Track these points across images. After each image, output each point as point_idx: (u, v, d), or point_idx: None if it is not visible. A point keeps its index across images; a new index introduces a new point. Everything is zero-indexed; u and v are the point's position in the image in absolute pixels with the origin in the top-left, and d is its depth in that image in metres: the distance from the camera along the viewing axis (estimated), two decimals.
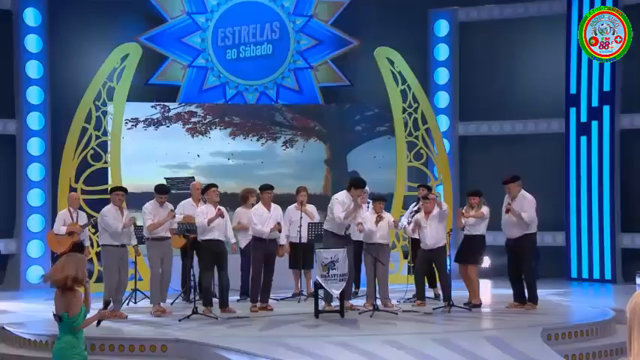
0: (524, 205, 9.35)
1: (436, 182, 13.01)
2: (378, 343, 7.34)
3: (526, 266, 9.41)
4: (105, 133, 12.02)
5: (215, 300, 9.45)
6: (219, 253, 9.40)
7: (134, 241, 9.58)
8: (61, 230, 10.13)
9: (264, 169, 13.34)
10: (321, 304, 9.17)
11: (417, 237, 10.06)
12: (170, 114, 13.02)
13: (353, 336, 7.82)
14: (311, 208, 10.66)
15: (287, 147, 13.57)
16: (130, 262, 10.36)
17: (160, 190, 9.58)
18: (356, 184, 9.37)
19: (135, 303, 10.22)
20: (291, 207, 10.63)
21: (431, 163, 13.40)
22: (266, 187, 9.76)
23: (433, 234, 9.62)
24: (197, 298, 9.32)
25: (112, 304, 5.73)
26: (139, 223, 9.91)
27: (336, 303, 9.11)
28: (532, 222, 9.35)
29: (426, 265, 9.79)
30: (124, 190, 9.44)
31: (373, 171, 13.36)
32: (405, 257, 12.23)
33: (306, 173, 13.47)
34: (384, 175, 13.33)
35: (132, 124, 12.73)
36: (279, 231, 9.62)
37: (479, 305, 9.49)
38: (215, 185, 9.60)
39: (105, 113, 12.04)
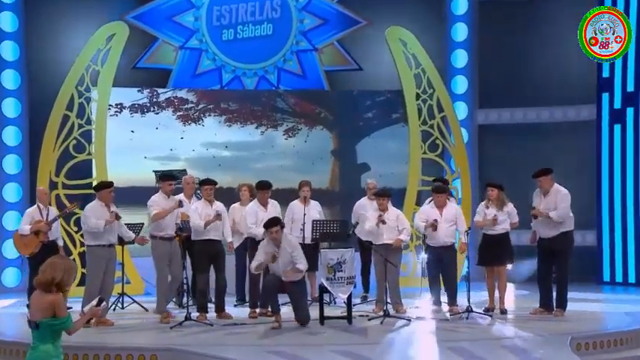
0: (558, 200, 9.33)
1: (453, 176, 13.02)
2: (389, 353, 7.35)
3: (562, 269, 9.39)
4: (89, 122, 12.04)
5: (210, 305, 9.48)
6: (216, 254, 9.43)
7: (131, 234, 9.52)
8: (24, 230, 9.96)
9: (264, 161, 13.34)
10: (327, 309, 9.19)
11: None
12: (159, 99, 13.03)
13: (361, 345, 7.83)
14: (315, 204, 10.66)
15: (289, 136, 13.57)
16: (117, 264, 10.40)
17: (167, 176, 9.50)
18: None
19: (122, 308, 10.25)
20: (294, 203, 10.64)
21: (447, 155, 13.39)
22: (263, 186, 9.78)
23: (446, 230, 9.65)
24: (190, 302, 9.35)
25: (104, 302, 5.74)
26: (145, 221, 9.86)
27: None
28: (565, 219, 9.34)
29: (437, 265, 9.81)
30: (111, 184, 9.44)
31: (385, 163, 13.36)
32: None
33: (310, 166, 13.47)
34: (396, 167, 13.33)
35: (116, 110, 12.73)
36: None
37: (505, 312, 9.52)
38: (211, 182, 9.56)
39: (88, 100, 12.06)
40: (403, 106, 13.20)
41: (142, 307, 10.17)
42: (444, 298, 9.96)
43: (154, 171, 12.60)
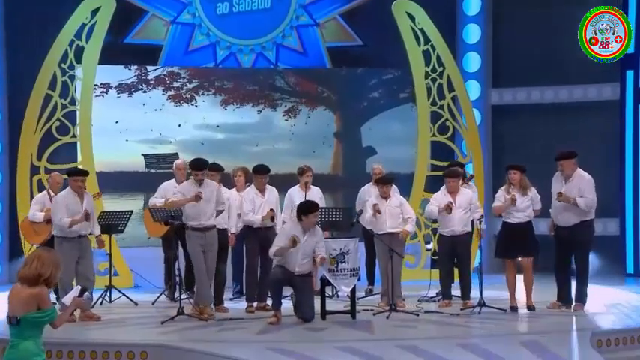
0: (582, 186, 9.27)
1: (464, 160, 12.97)
2: (395, 349, 7.36)
3: (582, 260, 9.38)
4: (73, 102, 12.01)
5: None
6: (220, 244, 9.39)
7: (97, 231, 9.49)
8: (37, 217, 9.95)
9: (261, 144, 13.33)
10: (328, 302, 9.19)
11: None
12: (148, 77, 12.98)
13: (365, 341, 7.84)
14: (316, 191, 10.65)
15: (288, 117, 13.55)
16: (103, 253, 10.42)
17: (197, 165, 9.10)
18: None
19: (110, 302, 10.26)
20: (293, 190, 10.62)
21: (458, 138, 13.36)
22: (260, 170, 9.75)
23: (460, 218, 9.62)
24: (184, 295, 9.35)
25: (87, 292, 5.73)
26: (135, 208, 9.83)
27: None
28: (592, 208, 9.30)
29: (452, 255, 9.78)
30: (85, 173, 9.38)
31: (392, 146, 13.33)
32: (428, 249, 12.24)
33: (311, 149, 13.46)
34: (404, 151, 13.30)
35: (102, 89, 12.68)
36: (272, 219, 9.62)
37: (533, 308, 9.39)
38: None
39: (73, 78, 12.03)
40: (411, 85, 13.16)
41: (131, 300, 10.18)
42: (454, 291, 9.96)
43: (143, 155, 12.60)
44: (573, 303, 9.39)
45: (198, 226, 9.07)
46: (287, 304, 9.12)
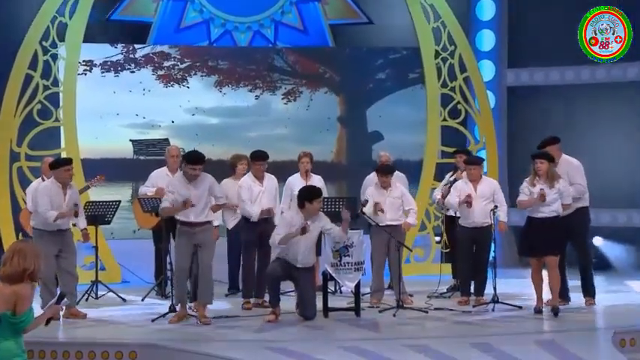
0: (571, 172, 9.39)
1: (477, 146, 12.99)
2: (403, 349, 7.39)
3: (584, 251, 9.45)
4: (55, 83, 12.00)
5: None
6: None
7: (83, 224, 9.47)
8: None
9: (258, 129, 13.33)
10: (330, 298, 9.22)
11: (454, 214, 10.09)
12: (136, 56, 12.97)
13: (371, 340, 7.87)
14: (318, 179, 10.66)
15: (288, 101, 13.54)
16: (89, 246, 10.44)
17: (193, 158, 8.80)
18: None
19: (96, 298, 10.28)
20: (293, 178, 10.64)
21: (471, 122, 13.36)
22: (258, 157, 9.75)
23: (482, 209, 9.61)
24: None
25: (66, 298, 5.75)
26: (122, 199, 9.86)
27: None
28: (584, 194, 9.43)
29: (472, 248, 9.79)
30: (71, 161, 9.34)
31: (400, 131, 13.33)
32: (438, 241, 12.27)
33: (312, 134, 13.46)
34: (412, 137, 13.31)
35: (85, 68, 12.64)
36: (269, 214, 9.63)
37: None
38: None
39: (55, 57, 12.00)
40: (420, 65, 13.15)
41: (119, 296, 10.20)
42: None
43: (131, 140, 12.60)
44: (585, 297, 9.41)
45: (187, 221, 8.92)
46: (287, 301, 9.13)
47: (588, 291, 9.50)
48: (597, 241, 12.74)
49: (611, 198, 12.56)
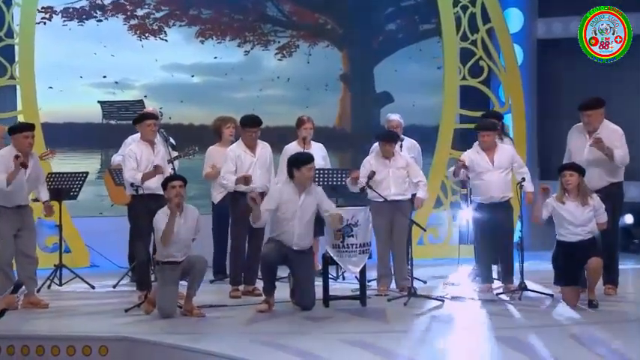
0: (614, 139, 9.40)
1: (502, 109, 12.98)
2: (415, 344, 7.41)
3: (612, 232, 9.37)
4: (10, 34, 11.97)
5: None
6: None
7: (45, 196, 9.46)
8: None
9: (247, 90, 13.32)
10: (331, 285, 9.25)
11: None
12: (104, 2, 12.87)
13: (378, 333, 7.88)
14: (318, 148, 10.67)
15: (283, 56, 13.53)
16: (52, 225, 10.46)
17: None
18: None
19: (60, 285, 10.32)
20: (291, 146, 10.65)
21: (495, 81, 13.35)
22: (250, 122, 9.72)
23: (500, 181, 9.64)
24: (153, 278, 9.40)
25: (23, 287, 5.78)
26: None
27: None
28: (626, 163, 9.51)
29: (491, 228, 9.76)
30: (32, 127, 9.31)
31: (413, 92, 13.31)
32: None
33: (311, 96, 13.46)
34: (427, 99, 13.30)
35: (43, 15, 12.54)
36: (247, 183, 9.57)
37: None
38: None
39: (9, 3, 11.97)
40: (436, 15, 13.13)
41: (87, 283, 10.24)
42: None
43: (99, 102, 12.59)
44: (602, 286, 9.38)
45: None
46: (281, 288, 9.17)
47: (613, 279, 9.50)
48: (629, 218, 12.79)
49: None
